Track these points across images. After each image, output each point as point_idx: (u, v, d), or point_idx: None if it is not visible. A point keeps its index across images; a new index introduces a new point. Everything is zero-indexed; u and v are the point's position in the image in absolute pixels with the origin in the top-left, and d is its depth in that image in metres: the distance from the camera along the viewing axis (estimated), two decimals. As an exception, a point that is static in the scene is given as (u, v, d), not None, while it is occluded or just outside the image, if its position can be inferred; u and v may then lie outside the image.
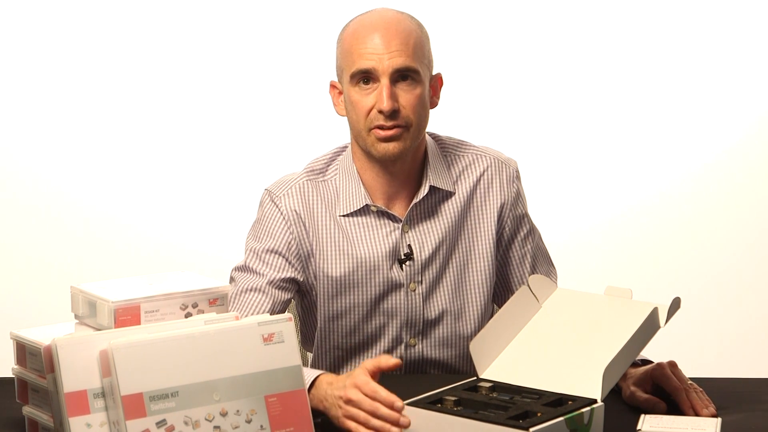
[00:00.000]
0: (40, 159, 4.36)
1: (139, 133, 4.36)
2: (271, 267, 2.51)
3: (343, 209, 2.54)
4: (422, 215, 2.55)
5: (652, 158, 4.33)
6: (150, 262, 4.30)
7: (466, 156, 2.60)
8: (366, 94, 2.45)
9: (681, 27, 4.29)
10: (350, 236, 2.53)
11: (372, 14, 2.51)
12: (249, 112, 4.33)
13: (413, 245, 2.53)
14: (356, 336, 2.56)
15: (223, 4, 4.32)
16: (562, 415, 2.05)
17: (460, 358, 2.59)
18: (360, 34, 2.46)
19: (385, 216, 2.53)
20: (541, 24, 4.31)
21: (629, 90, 4.32)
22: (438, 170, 2.55)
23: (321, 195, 2.55)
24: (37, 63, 4.33)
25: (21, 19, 4.32)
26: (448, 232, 2.55)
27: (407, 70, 2.45)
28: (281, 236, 2.53)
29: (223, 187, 4.34)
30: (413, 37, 2.47)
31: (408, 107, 2.45)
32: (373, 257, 2.52)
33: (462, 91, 4.31)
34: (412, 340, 2.56)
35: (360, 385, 2.14)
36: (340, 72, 2.51)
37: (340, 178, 2.55)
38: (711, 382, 2.46)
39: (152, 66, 4.34)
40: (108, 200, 4.37)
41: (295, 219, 2.53)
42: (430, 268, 2.54)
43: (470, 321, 2.58)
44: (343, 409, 2.15)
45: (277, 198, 2.55)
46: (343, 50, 2.49)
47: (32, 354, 2.11)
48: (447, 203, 2.56)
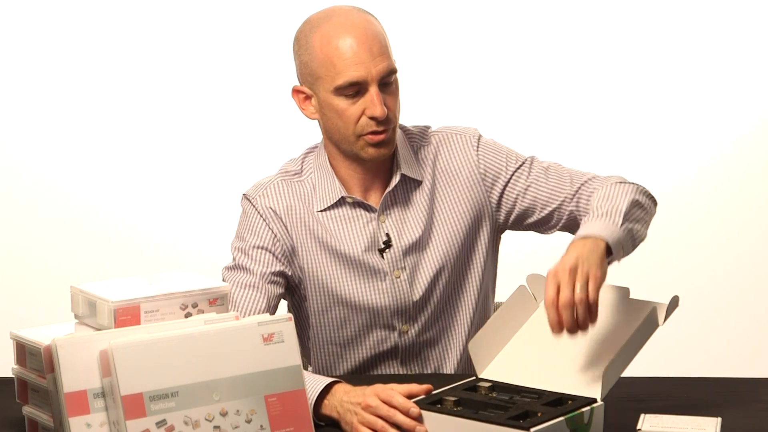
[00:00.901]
0: (40, 159, 4.36)
1: (139, 133, 4.37)
2: (259, 263, 2.54)
3: (320, 204, 2.57)
4: (396, 204, 2.58)
5: (651, 158, 4.33)
6: (150, 262, 4.30)
7: (427, 140, 2.63)
8: (353, 103, 2.47)
9: (681, 27, 4.29)
10: (330, 230, 2.56)
11: (338, 18, 2.49)
12: (249, 112, 4.34)
13: (391, 233, 2.56)
14: (348, 328, 2.58)
15: (219, 7, 4.32)
16: (563, 415, 2.05)
17: (456, 338, 2.61)
18: (335, 42, 2.46)
19: (360, 207, 2.56)
20: (541, 24, 4.31)
21: (628, 90, 4.32)
22: (407, 159, 2.59)
23: (297, 193, 2.58)
24: (37, 63, 4.33)
25: (21, 19, 4.32)
26: (423, 218, 2.57)
27: (391, 73, 2.48)
28: (263, 233, 2.56)
29: (223, 187, 4.34)
30: (382, 35, 2.50)
31: (392, 109, 2.49)
32: (353, 248, 2.55)
33: (462, 91, 4.32)
34: (405, 326, 2.58)
35: (378, 392, 2.16)
36: (312, 78, 2.50)
37: (316, 176, 2.59)
38: (711, 382, 2.47)
39: (153, 66, 4.34)
40: (108, 200, 4.37)
41: (272, 216, 2.57)
42: (411, 255, 2.57)
43: (465, 299, 2.61)
44: (359, 415, 2.16)
45: (254, 199, 2.59)
46: (318, 58, 2.47)
47: (32, 354, 2.11)
48: (418, 190, 2.59)
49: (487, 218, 2.61)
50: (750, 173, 4.33)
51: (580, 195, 2.55)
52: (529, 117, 4.32)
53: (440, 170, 2.61)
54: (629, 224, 2.35)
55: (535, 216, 2.60)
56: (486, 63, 4.32)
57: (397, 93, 2.51)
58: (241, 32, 4.33)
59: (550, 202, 2.57)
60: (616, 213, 2.35)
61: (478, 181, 2.60)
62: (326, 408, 2.23)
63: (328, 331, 2.60)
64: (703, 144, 4.32)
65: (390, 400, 2.14)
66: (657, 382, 2.47)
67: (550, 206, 2.57)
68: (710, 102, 4.31)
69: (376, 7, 2.62)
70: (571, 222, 2.57)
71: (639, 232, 2.40)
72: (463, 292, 2.62)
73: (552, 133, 4.32)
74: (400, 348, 2.60)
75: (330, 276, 2.56)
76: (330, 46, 2.46)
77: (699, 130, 4.32)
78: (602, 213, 2.35)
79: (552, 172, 2.59)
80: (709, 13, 4.28)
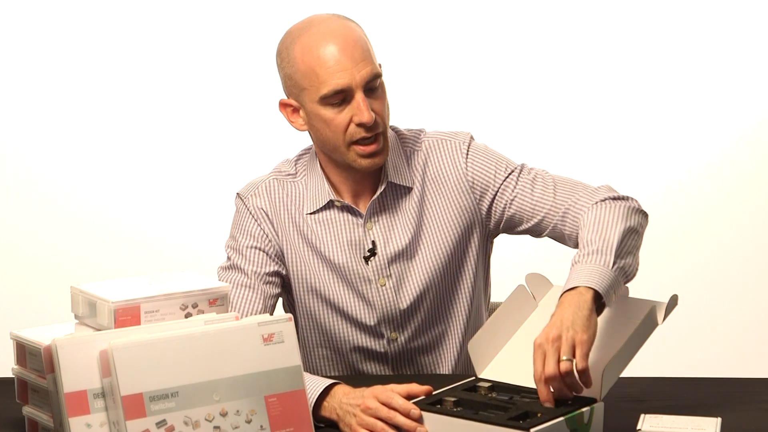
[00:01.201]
0: (41, 159, 4.36)
1: (139, 133, 4.37)
2: (253, 263, 2.54)
3: (310, 207, 2.56)
4: (384, 210, 2.56)
5: (650, 158, 4.33)
6: (150, 262, 4.30)
7: (420, 146, 2.60)
8: (340, 111, 2.44)
9: (681, 27, 4.30)
10: (317, 233, 2.55)
11: (317, 26, 2.47)
12: (249, 112, 4.33)
13: (377, 241, 2.54)
14: (335, 334, 2.58)
15: (216, 9, 4.32)
16: (563, 415, 2.05)
17: (449, 345, 2.60)
18: (317, 52, 2.43)
19: (348, 212, 2.55)
20: (541, 24, 4.31)
21: (627, 90, 4.32)
22: (397, 165, 2.56)
23: (289, 194, 2.58)
24: (37, 63, 4.33)
25: (21, 19, 4.32)
26: (410, 226, 2.55)
27: (375, 77, 2.45)
28: (256, 233, 2.56)
29: (223, 186, 4.33)
30: (363, 40, 2.47)
31: (380, 113, 2.46)
32: (338, 254, 2.55)
33: (462, 91, 4.32)
34: (393, 334, 2.57)
35: (377, 394, 2.15)
36: (298, 90, 2.47)
37: (308, 178, 2.58)
38: (711, 382, 2.47)
39: (152, 67, 4.34)
40: (108, 200, 4.37)
41: (263, 217, 2.56)
42: (396, 263, 2.55)
43: (457, 306, 2.59)
44: (358, 417, 2.16)
45: (246, 199, 2.59)
46: (301, 70, 2.45)
47: (32, 354, 2.11)
48: (407, 197, 2.56)
49: (477, 225, 2.58)
50: (750, 173, 4.33)
51: (566, 212, 2.49)
52: (529, 118, 4.32)
53: (430, 177, 2.57)
54: (621, 261, 2.28)
55: (522, 225, 2.56)
56: (482, 63, 4.32)
57: (384, 97, 2.48)
58: (237, 33, 4.32)
59: (535, 213, 2.52)
60: (608, 250, 2.27)
61: (467, 188, 2.57)
62: (325, 410, 2.23)
63: (316, 335, 2.59)
64: (702, 144, 4.32)
65: (389, 401, 2.13)
66: (657, 382, 2.47)
67: (536, 218, 2.52)
68: (710, 102, 4.31)
69: (366, 10, 2.60)
70: (558, 235, 2.52)
71: (631, 268, 2.32)
72: (454, 300, 2.59)
73: (551, 134, 4.32)
74: (389, 355, 2.59)
75: (317, 279, 2.56)
76: (311, 56, 2.44)
77: (698, 131, 4.32)
78: (593, 251, 2.28)
79: (539, 182, 2.53)
80: (708, 13, 4.28)
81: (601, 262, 2.25)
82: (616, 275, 2.25)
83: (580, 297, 2.18)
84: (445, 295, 2.59)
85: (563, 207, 2.49)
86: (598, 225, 2.35)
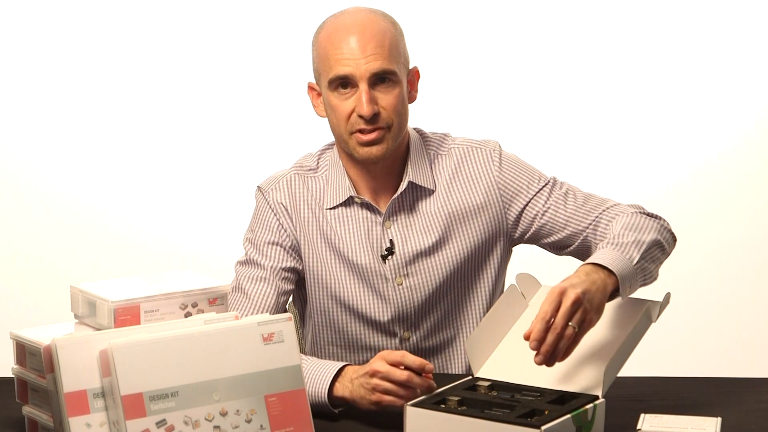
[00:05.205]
0: (40, 159, 4.36)
1: (139, 133, 4.37)
2: (270, 258, 2.54)
3: (330, 202, 2.56)
4: (403, 211, 2.56)
5: (650, 157, 4.33)
6: (150, 262, 4.30)
7: (446, 150, 2.60)
8: (345, 99, 2.46)
9: (681, 27, 4.30)
10: (336, 228, 2.55)
11: (345, 16, 2.50)
12: (249, 111, 4.33)
13: (395, 240, 2.55)
14: (348, 332, 2.58)
15: (226, 6, 4.32)
16: (569, 413, 2.06)
17: (460, 346, 2.60)
18: (335, 38, 2.47)
19: (368, 209, 2.55)
20: (541, 24, 4.31)
21: (627, 90, 4.32)
22: (419, 166, 2.56)
23: (309, 189, 2.58)
24: (37, 63, 4.33)
25: (21, 19, 4.32)
26: (431, 227, 2.55)
27: (384, 73, 2.45)
28: (274, 227, 2.57)
29: (223, 186, 4.34)
30: (388, 37, 2.47)
31: (388, 108, 2.46)
32: (356, 251, 2.55)
33: (463, 91, 4.32)
34: (406, 333, 2.57)
35: (385, 356, 2.20)
36: (318, 75, 2.52)
37: (330, 173, 2.58)
38: (711, 382, 2.47)
39: (153, 65, 4.34)
40: (108, 200, 4.37)
41: (282, 211, 2.57)
42: (414, 264, 2.55)
43: (472, 310, 2.59)
44: (370, 383, 2.20)
45: (266, 192, 2.59)
46: (320, 54, 2.50)
47: (32, 354, 2.11)
48: (429, 199, 2.56)
49: (501, 233, 2.58)
50: (750, 173, 4.33)
51: (598, 221, 2.51)
52: (529, 118, 4.32)
53: (459, 182, 2.57)
54: (644, 263, 2.33)
55: (550, 238, 2.57)
56: (482, 63, 4.32)
57: (396, 93, 2.47)
58: (245, 31, 4.32)
59: (567, 227, 2.54)
60: (636, 248, 2.33)
61: (497, 196, 2.57)
62: (338, 390, 2.26)
63: (329, 332, 2.59)
64: (702, 144, 4.32)
65: (403, 359, 2.17)
66: (657, 382, 2.47)
67: (566, 231, 2.54)
68: (710, 102, 4.31)
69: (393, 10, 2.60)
70: (585, 248, 2.54)
71: (651, 273, 2.37)
72: (470, 303, 2.59)
73: (551, 135, 4.32)
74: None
75: (332, 276, 2.56)
76: (329, 41, 2.47)
77: (699, 130, 4.32)
78: (622, 243, 2.33)
79: (571, 197, 2.55)
80: (709, 13, 4.28)
81: (626, 254, 2.30)
82: (636, 272, 2.29)
83: (604, 279, 2.23)
84: (462, 298, 2.59)
85: (594, 220, 2.52)
86: (632, 227, 2.40)
